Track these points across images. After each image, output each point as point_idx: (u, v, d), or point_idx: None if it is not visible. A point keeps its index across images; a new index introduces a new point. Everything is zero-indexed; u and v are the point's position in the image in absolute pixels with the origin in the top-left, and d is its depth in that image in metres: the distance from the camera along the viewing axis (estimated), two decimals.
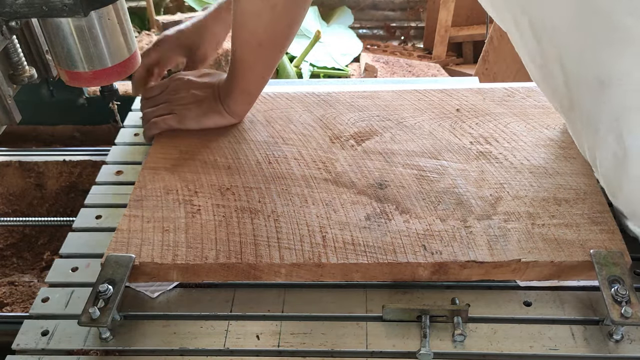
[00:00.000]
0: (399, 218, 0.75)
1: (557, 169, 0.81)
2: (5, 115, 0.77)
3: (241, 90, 0.88)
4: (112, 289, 0.67)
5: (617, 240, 0.71)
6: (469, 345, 0.65)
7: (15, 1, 0.68)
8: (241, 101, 0.90)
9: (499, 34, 1.71)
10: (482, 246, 0.70)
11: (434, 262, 0.69)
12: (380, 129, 0.90)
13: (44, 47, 0.84)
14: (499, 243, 0.71)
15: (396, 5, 2.86)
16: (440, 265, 0.69)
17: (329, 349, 0.66)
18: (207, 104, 0.90)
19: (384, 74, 2.28)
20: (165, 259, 0.70)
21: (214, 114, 0.90)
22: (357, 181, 0.81)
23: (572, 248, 0.70)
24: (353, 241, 0.72)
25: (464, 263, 0.69)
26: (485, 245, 0.71)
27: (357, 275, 0.71)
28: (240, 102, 0.90)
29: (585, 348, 0.65)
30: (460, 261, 0.69)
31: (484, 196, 0.77)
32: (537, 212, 0.75)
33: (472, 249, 0.70)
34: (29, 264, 1.29)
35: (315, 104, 0.96)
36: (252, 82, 0.89)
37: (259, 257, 0.70)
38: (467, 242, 0.71)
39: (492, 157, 0.84)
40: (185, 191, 0.80)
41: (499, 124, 0.90)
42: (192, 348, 0.66)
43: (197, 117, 0.91)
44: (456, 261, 0.69)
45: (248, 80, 0.88)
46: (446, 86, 1.01)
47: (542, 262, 0.69)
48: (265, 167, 0.84)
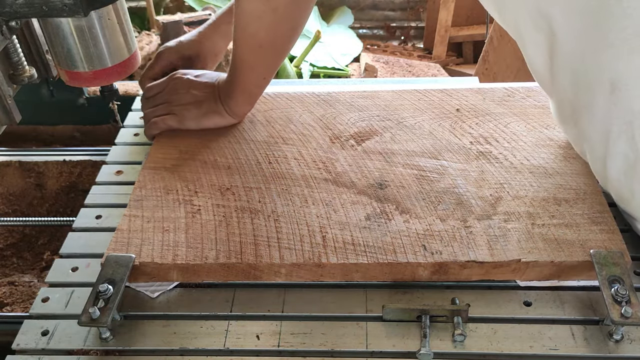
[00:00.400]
0: (399, 218, 0.75)
1: (557, 169, 0.81)
2: (5, 115, 0.78)
3: (242, 91, 0.88)
4: (112, 289, 0.67)
5: (617, 240, 0.70)
6: (469, 345, 0.65)
7: (15, 1, 0.68)
8: (242, 102, 0.90)
9: (499, 34, 1.71)
10: (482, 246, 0.70)
11: (434, 262, 0.69)
12: (380, 128, 0.90)
13: (44, 47, 0.84)
14: (499, 243, 0.71)
15: (396, 5, 2.86)
16: (440, 265, 0.69)
17: (329, 349, 0.66)
18: (207, 104, 0.90)
19: (384, 74, 2.28)
20: (166, 259, 0.70)
21: (213, 115, 0.90)
22: (357, 181, 0.81)
23: (572, 248, 0.70)
24: (353, 241, 0.72)
25: (464, 263, 0.69)
26: (485, 245, 0.71)
27: (357, 275, 0.71)
28: (241, 103, 0.90)
29: (585, 348, 0.65)
30: (460, 261, 0.69)
31: (484, 196, 0.77)
32: (537, 212, 0.75)
33: (472, 249, 0.70)
34: (29, 264, 1.29)
35: (315, 104, 0.96)
36: (253, 83, 0.89)
37: (259, 257, 0.70)
38: (467, 242, 0.71)
39: (492, 157, 0.84)
40: (185, 191, 0.80)
41: (499, 124, 0.90)
42: (192, 348, 0.66)
43: (196, 118, 0.90)
44: (456, 261, 0.69)
45: (249, 82, 0.88)
46: (446, 86, 1.01)
47: (542, 262, 0.69)
48: (265, 167, 0.84)
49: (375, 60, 2.40)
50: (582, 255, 0.69)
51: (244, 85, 0.87)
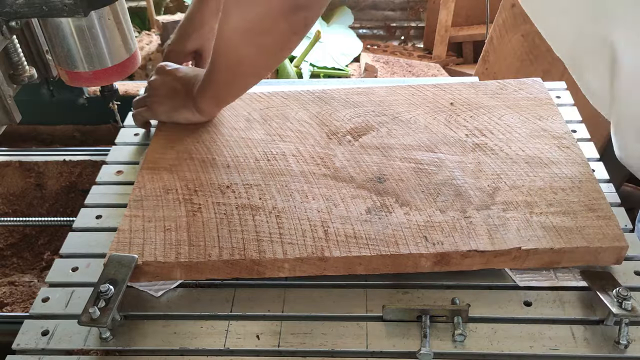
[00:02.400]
0: (399, 210, 0.75)
1: (552, 159, 0.82)
2: (5, 115, 0.78)
3: (212, 96, 0.87)
4: (113, 289, 0.67)
5: (613, 226, 0.72)
6: (469, 345, 0.65)
7: (15, 1, 0.68)
8: (209, 103, 0.89)
9: (499, 33, 1.71)
10: (482, 235, 0.71)
11: (436, 253, 0.69)
12: (376, 124, 0.91)
13: (44, 47, 0.84)
14: (499, 232, 0.71)
15: (396, 5, 2.86)
16: (442, 255, 0.70)
17: (329, 349, 0.66)
18: (180, 98, 0.89)
19: (384, 74, 2.28)
20: (169, 258, 0.70)
21: (184, 110, 0.89)
22: (356, 176, 0.81)
23: (571, 235, 0.71)
24: (355, 234, 0.72)
25: (465, 253, 0.69)
26: (485, 234, 0.71)
27: (360, 267, 0.71)
28: (209, 104, 0.89)
29: (585, 348, 0.65)
30: (462, 251, 0.69)
31: (482, 187, 0.78)
32: (534, 201, 0.76)
33: (472, 239, 0.71)
34: (29, 264, 1.29)
35: (311, 101, 0.97)
36: (224, 94, 0.87)
37: (262, 252, 0.70)
38: (468, 232, 0.72)
39: (488, 149, 0.85)
40: (185, 190, 0.80)
41: (493, 117, 0.91)
42: (192, 348, 0.66)
43: (167, 112, 0.90)
44: (458, 251, 0.69)
45: (221, 91, 0.86)
46: (440, 81, 1.01)
47: (542, 250, 0.70)
48: (263, 164, 0.84)
49: (375, 60, 2.40)
50: (581, 241, 0.70)
51: (215, 91, 0.86)
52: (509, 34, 1.66)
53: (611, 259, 0.71)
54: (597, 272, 0.71)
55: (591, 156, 0.90)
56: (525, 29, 1.61)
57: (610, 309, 0.64)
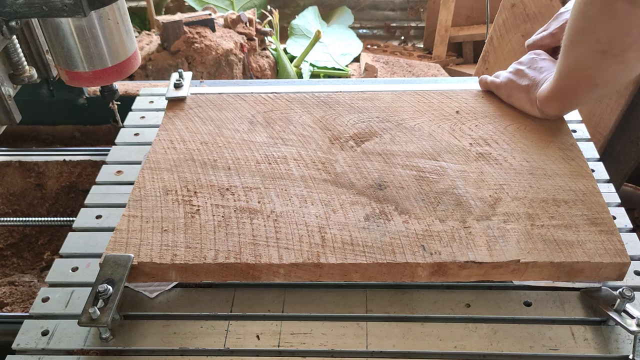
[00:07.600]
0: (398, 218, 0.75)
1: (556, 171, 0.81)
2: (5, 115, 0.78)
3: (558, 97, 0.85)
4: (111, 289, 0.67)
5: (615, 241, 0.71)
6: (469, 345, 0.65)
7: (15, 1, 0.68)
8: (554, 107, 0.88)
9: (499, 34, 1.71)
10: (481, 247, 0.70)
11: (433, 263, 0.69)
12: (380, 130, 0.90)
13: (44, 47, 0.84)
14: (498, 244, 0.71)
15: (396, 5, 2.86)
16: (439, 265, 0.69)
17: (329, 349, 0.66)
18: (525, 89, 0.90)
19: (384, 74, 2.28)
20: (164, 259, 0.70)
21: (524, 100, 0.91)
22: (356, 182, 0.81)
23: (572, 249, 0.70)
24: (352, 241, 0.72)
25: (463, 263, 0.69)
26: (484, 245, 0.71)
27: (356, 275, 0.71)
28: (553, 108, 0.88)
29: (585, 348, 0.65)
30: (459, 262, 0.69)
31: (483, 197, 0.77)
32: (536, 213, 0.75)
33: (471, 250, 0.70)
34: (29, 264, 1.29)
35: (315, 105, 0.96)
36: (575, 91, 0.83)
37: (258, 257, 0.70)
38: (467, 243, 0.71)
39: (492, 159, 0.84)
40: (185, 191, 0.80)
41: (499, 126, 0.90)
42: (192, 348, 0.66)
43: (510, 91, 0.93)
44: (455, 262, 0.69)
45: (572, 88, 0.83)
46: (446, 87, 1.01)
47: (541, 263, 0.69)
48: (264, 167, 0.84)
49: (375, 60, 2.40)
50: (582, 255, 0.69)
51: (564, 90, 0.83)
52: (509, 34, 1.65)
53: (613, 274, 0.70)
54: (598, 288, 0.70)
55: (591, 156, 0.90)
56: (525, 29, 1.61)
57: (628, 328, 0.63)
